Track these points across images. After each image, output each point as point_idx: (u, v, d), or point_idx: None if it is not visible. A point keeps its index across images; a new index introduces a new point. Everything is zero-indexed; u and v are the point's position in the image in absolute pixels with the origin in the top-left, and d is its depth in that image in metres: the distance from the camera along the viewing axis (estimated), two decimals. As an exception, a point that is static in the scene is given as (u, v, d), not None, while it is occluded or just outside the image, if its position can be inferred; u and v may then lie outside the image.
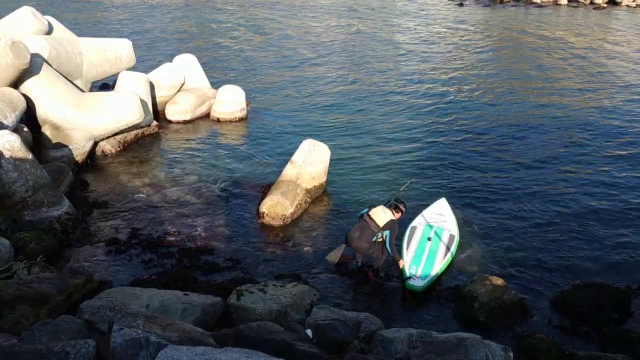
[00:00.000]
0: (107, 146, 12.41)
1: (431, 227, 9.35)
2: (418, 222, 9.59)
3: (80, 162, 11.63)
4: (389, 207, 8.36)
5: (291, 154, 11.17)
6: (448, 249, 8.94)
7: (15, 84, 11.18)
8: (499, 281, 7.92)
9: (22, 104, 10.91)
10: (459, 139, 14.02)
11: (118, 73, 13.87)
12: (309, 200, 10.66)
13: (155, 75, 14.56)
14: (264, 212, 10.06)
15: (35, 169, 9.08)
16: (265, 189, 10.91)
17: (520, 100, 17.18)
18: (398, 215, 8.34)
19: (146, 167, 12.09)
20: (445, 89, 18.08)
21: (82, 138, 11.67)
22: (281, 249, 9.26)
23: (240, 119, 14.84)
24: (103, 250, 8.92)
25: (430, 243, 8.94)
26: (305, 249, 9.29)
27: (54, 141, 11.29)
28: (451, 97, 17.26)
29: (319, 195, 10.96)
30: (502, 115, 15.84)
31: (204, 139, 13.90)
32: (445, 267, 8.68)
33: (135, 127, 12.89)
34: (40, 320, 5.70)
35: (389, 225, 8.11)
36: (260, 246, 9.33)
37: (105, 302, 6.38)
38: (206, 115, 15.01)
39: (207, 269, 8.54)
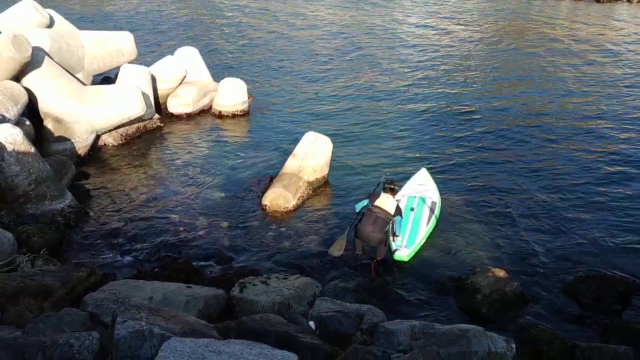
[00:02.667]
0: (109, 139, 12.42)
1: (414, 197, 9.77)
2: (401, 194, 9.82)
3: (82, 155, 11.64)
4: (384, 192, 8.53)
5: (293, 146, 11.17)
6: (430, 216, 9.43)
7: (17, 77, 11.17)
8: (501, 273, 7.93)
9: (24, 97, 10.91)
10: (460, 130, 13.99)
11: (120, 66, 13.85)
12: (311, 192, 10.67)
13: (157, 68, 14.53)
14: (266, 205, 10.08)
15: (38, 163, 9.09)
16: (267, 182, 10.91)
17: (520, 90, 17.13)
18: (395, 195, 8.64)
19: (148, 160, 12.10)
20: (446, 79, 18.02)
21: (84, 131, 11.67)
22: (283, 241, 9.27)
23: (242, 112, 14.81)
24: (106, 243, 8.94)
25: (414, 213, 9.35)
26: (308, 241, 9.30)
27: (56, 134, 11.30)
28: (453, 88, 17.21)
29: (321, 187, 10.97)
30: (503, 105, 15.80)
31: (205, 131, 13.90)
32: (428, 234, 9.18)
33: (137, 120, 12.89)
34: (44, 313, 5.72)
35: (398, 210, 8.47)
36: (263, 238, 9.34)
37: (109, 294, 6.39)
38: (208, 108, 15.00)
39: (209, 261, 8.56)
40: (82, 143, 11.63)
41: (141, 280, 7.22)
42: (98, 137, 12.26)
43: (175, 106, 14.57)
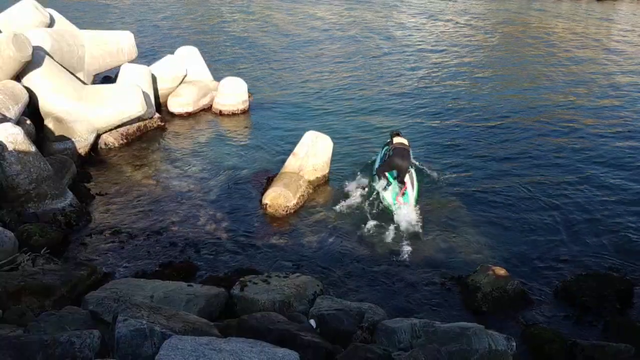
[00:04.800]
0: (109, 138, 12.42)
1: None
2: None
3: (83, 154, 11.65)
4: (394, 137, 10.81)
5: (293, 145, 11.17)
6: (412, 181, 10.56)
7: (18, 77, 11.19)
8: (502, 271, 7.93)
9: (25, 96, 10.93)
10: (462, 130, 13.99)
11: (120, 65, 13.86)
12: (311, 191, 10.67)
13: (157, 67, 14.53)
14: (266, 204, 10.08)
15: (39, 162, 9.09)
16: (268, 181, 10.92)
17: (524, 89, 17.14)
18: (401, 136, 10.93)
19: (149, 159, 12.11)
20: (448, 79, 18.03)
21: (84, 130, 11.68)
22: (284, 240, 9.28)
23: (243, 111, 14.83)
24: (107, 241, 8.95)
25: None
26: (308, 239, 9.31)
27: (56, 134, 11.31)
28: (455, 87, 17.23)
29: (321, 186, 10.97)
30: (506, 105, 15.80)
31: (206, 131, 13.91)
32: (417, 193, 10.37)
33: (138, 119, 12.90)
34: (45, 312, 5.73)
35: (409, 144, 10.77)
36: (263, 237, 9.35)
37: (110, 293, 6.41)
38: (208, 108, 15.01)
39: (210, 260, 8.58)
40: (82, 142, 11.63)
41: (142, 279, 7.25)
42: (99, 136, 12.27)
43: (175, 105, 14.58)
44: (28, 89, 11.19)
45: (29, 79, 11.29)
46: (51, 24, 13.56)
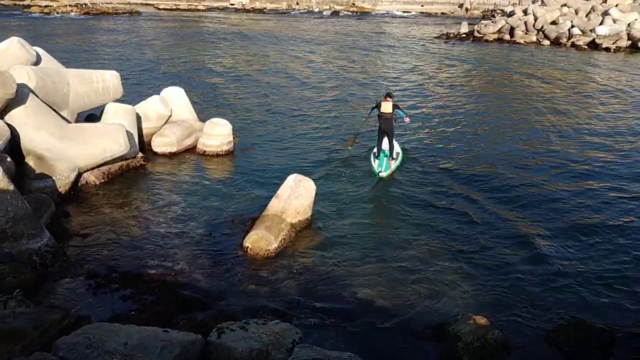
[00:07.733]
0: (91, 177, 12.31)
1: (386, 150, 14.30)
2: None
3: (63, 192, 11.50)
4: (385, 100, 13.49)
5: (276, 188, 11.15)
6: (396, 156, 14.30)
7: (1, 114, 11.12)
8: (482, 320, 7.85)
9: (6, 133, 10.84)
10: (446, 174, 14.11)
11: (105, 104, 13.86)
12: (293, 235, 10.59)
13: (142, 107, 14.57)
14: (247, 247, 9.97)
15: (16, 200, 8.94)
16: (249, 223, 10.83)
17: (501, 134, 17.43)
18: (392, 99, 13.64)
19: (130, 200, 11.99)
20: (432, 124, 18.30)
21: (66, 169, 11.57)
22: (264, 285, 9.13)
23: (227, 152, 14.84)
24: (82, 284, 8.75)
25: (386, 155, 14.13)
26: (289, 284, 9.17)
27: (37, 171, 11.19)
28: (439, 133, 17.47)
29: (304, 229, 10.90)
30: (485, 149, 16.02)
31: (189, 171, 13.86)
32: (396, 166, 14.05)
33: (121, 158, 12.83)
34: (13, 358, 5.53)
35: (395, 106, 13.57)
36: (243, 281, 9.21)
37: (82, 338, 6.19)
38: (192, 148, 15.01)
39: (188, 305, 8.38)
40: (63, 180, 11.50)
41: (117, 324, 7.02)
42: (80, 174, 12.15)
43: (159, 145, 14.56)
44: (10, 126, 11.11)
45: (12, 116, 11.23)
46: (37, 61, 13.59)
